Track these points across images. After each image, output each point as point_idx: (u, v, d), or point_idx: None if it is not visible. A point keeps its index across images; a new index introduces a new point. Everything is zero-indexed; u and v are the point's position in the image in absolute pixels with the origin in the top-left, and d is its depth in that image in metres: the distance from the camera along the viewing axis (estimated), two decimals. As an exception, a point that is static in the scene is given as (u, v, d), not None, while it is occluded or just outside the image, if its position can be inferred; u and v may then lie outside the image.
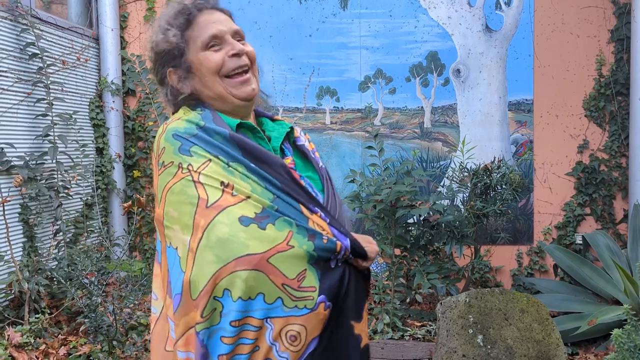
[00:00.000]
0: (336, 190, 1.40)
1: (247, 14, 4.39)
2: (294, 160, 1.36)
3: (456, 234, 3.45)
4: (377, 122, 4.40)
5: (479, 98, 4.30)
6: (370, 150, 3.57)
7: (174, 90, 1.32)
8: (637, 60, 3.85)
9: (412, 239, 3.56)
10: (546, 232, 4.27)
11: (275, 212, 1.18)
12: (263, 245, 1.13)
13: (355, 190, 3.52)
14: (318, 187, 1.34)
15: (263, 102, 1.46)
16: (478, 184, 3.54)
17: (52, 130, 3.66)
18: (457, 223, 3.46)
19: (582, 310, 3.32)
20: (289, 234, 1.16)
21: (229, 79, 1.29)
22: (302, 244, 1.16)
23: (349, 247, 1.24)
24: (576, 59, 4.20)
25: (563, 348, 2.59)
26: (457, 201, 3.95)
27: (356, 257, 1.27)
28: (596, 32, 4.17)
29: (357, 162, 4.40)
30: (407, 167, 3.46)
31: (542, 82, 4.24)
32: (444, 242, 3.50)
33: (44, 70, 3.64)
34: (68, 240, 3.79)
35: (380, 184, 3.41)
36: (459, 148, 4.00)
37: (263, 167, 1.22)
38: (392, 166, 3.59)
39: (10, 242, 3.30)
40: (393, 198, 3.28)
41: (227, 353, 1.12)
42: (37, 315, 3.12)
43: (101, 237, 3.99)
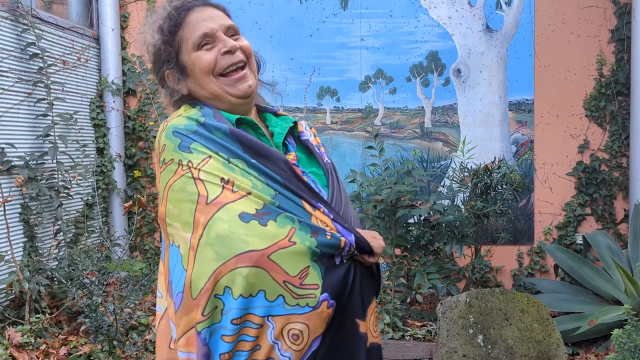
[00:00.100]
0: (343, 185, 1.36)
1: (248, 14, 4.39)
2: (297, 156, 1.33)
3: (457, 234, 3.45)
4: (377, 122, 4.40)
5: (480, 98, 4.30)
6: (371, 150, 3.57)
7: (173, 90, 1.31)
8: (638, 60, 3.85)
9: (412, 239, 3.56)
10: (547, 232, 4.27)
11: (276, 209, 1.15)
12: (264, 241, 1.11)
13: (355, 190, 3.52)
14: (322, 183, 1.31)
15: (263, 97, 1.44)
16: (478, 184, 3.54)
17: (52, 130, 3.67)
18: (458, 223, 3.46)
19: (583, 310, 3.31)
20: (291, 230, 1.14)
21: (224, 78, 1.27)
22: (304, 240, 1.14)
23: (354, 243, 1.21)
24: (577, 59, 4.20)
25: (563, 348, 2.58)
26: (458, 201, 3.95)
27: (362, 253, 1.24)
28: (597, 32, 4.17)
29: (358, 162, 4.40)
30: (408, 167, 3.46)
31: (542, 82, 4.24)
32: (445, 242, 3.50)
33: (44, 70, 3.64)
34: (68, 240, 3.80)
35: (380, 183, 3.41)
36: (459, 148, 4.00)
37: (264, 162, 1.20)
38: (393, 166, 3.59)
39: (11, 242, 3.30)
40: (393, 198, 3.28)
41: (228, 351, 1.10)
42: (37, 315, 3.12)
43: (102, 237, 3.99)
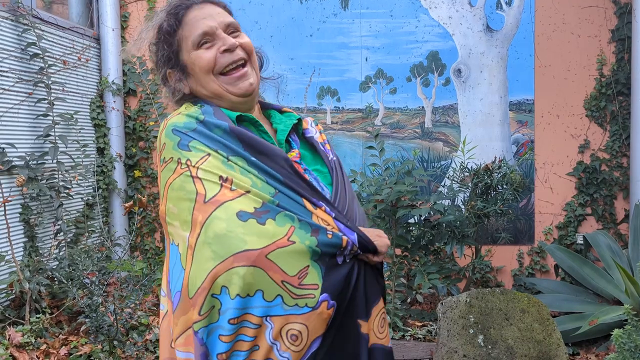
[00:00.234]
0: (349, 183, 1.34)
1: (248, 14, 4.39)
2: (299, 153, 1.31)
3: (457, 234, 3.44)
4: (377, 122, 4.40)
5: (480, 98, 4.30)
6: (371, 150, 3.57)
7: (175, 90, 1.30)
8: (638, 60, 3.84)
9: (412, 239, 3.55)
10: (547, 232, 4.27)
11: (276, 207, 1.14)
12: (261, 240, 1.09)
13: (355, 190, 3.51)
14: (326, 181, 1.29)
15: (264, 97, 1.43)
16: (479, 184, 3.54)
17: (53, 130, 3.67)
18: (458, 223, 3.46)
19: (583, 311, 3.31)
20: (291, 229, 1.12)
21: (224, 76, 1.26)
22: (304, 239, 1.12)
23: (357, 242, 1.19)
24: (577, 59, 4.19)
25: (564, 348, 2.58)
26: (458, 201, 3.94)
27: (365, 252, 1.22)
28: (597, 32, 4.16)
29: (358, 162, 4.40)
30: (408, 167, 3.45)
31: (543, 82, 4.23)
32: (445, 242, 3.50)
33: (45, 71, 3.64)
34: (69, 240, 3.80)
35: (380, 183, 3.41)
36: (459, 148, 4.00)
37: (265, 160, 1.19)
38: (393, 166, 3.59)
39: (12, 242, 3.31)
40: (394, 198, 3.28)
41: (226, 351, 1.09)
42: (38, 315, 3.12)
43: (102, 237, 3.99)
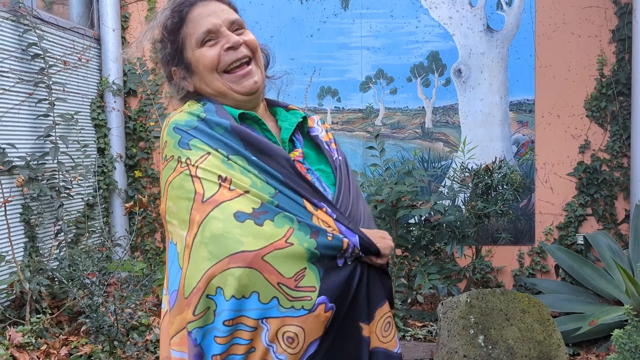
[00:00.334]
0: (355, 183, 1.31)
1: (249, 14, 4.39)
2: (303, 152, 1.29)
3: (457, 234, 3.44)
4: (378, 122, 4.40)
5: (480, 98, 4.30)
6: (372, 151, 3.57)
7: (179, 87, 1.29)
8: (639, 60, 3.84)
9: (413, 239, 3.55)
10: (547, 232, 4.27)
11: (275, 208, 1.12)
12: (258, 242, 1.08)
13: (356, 191, 3.51)
14: (330, 181, 1.26)
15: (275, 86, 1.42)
16: (479, 184, 3.54)
17: (53, 131, 3.67)
18: (458, 223, 3.45)
19: (584, 311, 3.31)
20: (289, 230, 1.10)
21: (228, 74, 1.24)
22: (303, 241, 1.10)
23: (358, 245, 1.16)
24: (577, 59, 4.19)
25: (564, 348, 2.58)
26: (458, 201, 3.95)
27: (368, 254, 1.19)
28: (597, 32, 4.16)
29: (358, 162, 4.40)
30: (408, 167, 3.45)
31: (543, 82, 4.23)
32: (445, 243, 3.50)
33: (45, 71, 3.65)
34: (69, 240, 3.80)
35: (381, 184, 3.41)
36: (460, 148, 4.00)
37: (265, 159, 1.17)
38: (393, 166, 3.59)
39: (12, 243, 3.31)
40: (394, 198, 3.28)
41: (221, 353, 1.08)
42: (38, 316, 3.12)
43: (102, 237, 3.99)
